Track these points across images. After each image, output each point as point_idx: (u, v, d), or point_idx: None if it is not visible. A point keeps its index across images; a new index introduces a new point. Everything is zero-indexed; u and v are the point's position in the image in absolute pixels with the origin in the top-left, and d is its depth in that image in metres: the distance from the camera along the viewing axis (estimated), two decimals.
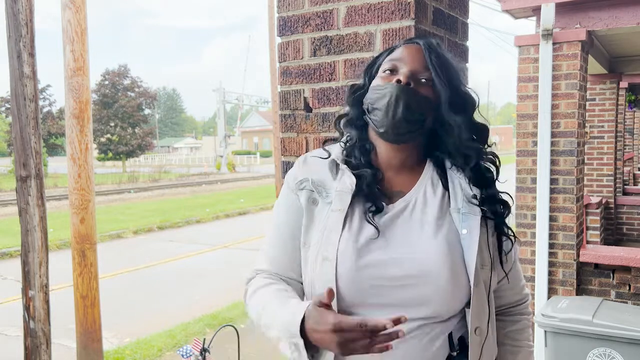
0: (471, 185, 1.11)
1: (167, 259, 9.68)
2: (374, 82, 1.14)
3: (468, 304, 1.07)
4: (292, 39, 1.62)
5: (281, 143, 1.68)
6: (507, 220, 1.15)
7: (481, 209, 1.09)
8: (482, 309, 1.09)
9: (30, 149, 3.22)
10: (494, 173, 1.15)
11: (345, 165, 1.13)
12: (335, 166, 1.14)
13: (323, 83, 1.59)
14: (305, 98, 1.62)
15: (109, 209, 16.14)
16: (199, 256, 10.00)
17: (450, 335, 1.07)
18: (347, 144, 1.18)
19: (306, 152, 1.62)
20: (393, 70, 1.11)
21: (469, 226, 1.07)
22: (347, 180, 1.11)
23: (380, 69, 1.15)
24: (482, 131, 1.14)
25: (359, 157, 1.14)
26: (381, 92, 1.09)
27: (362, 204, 1.10)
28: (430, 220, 1.09)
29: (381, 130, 1.10)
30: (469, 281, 1.06)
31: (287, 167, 1.67)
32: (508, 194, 1.17)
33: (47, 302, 3.34)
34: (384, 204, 1.10)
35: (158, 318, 6.33)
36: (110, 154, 39.77)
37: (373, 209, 1.08)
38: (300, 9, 1.60)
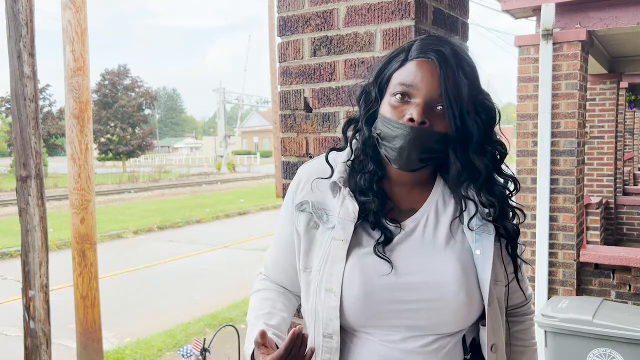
0: (484, 201, 1.05)
1: (167, 259, 9.68)
2: (384, 110, 1.04)
3: (481, 317, 1.06)
4: (292, 39, 1.62)
5: (281, 143, 1.68)
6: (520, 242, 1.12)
7: (495, 225, 1.05)
8: (497, 325, 1.08)
9: (30, 149, 3.22)
10: (507, 187, 1.10)
11: (348, 190, 1.07)
12: (337, 188, 1.09)
13: (323, 83, 1.59)
14: (305, 98, 1.62)
15: (109, 209, 16.14)
16: (199, 256, 10.00)
17: (463, 339, 1.07)
18: (355, 160, 1.10)
19: (306, 152, 1.62)
20: (404, 95, 1.01)
21: (483, 246, 1.04)
22: (350, 207, 1.05)
23: (391, 87, 1.04)
24: (492, 159, 1.06)
25: (367, 180, 1.07)
26: (393, 131, 1.01)
27: (368, 231, 1.05)
28: (442, 240, 1.05)
29: (394, 165, 1.04)
30: (482, 300, 1.04)
31: (287, 167, 1.67)
32: (521, 209, 1.12)
33: (47, 302, 3.34)
34: (392, 229, 1.05)
35: (158, 318, 6.33)
36: (110, 154, 39.77)
37: (382, 240, 1.03)
38: (300, 9, 1.60)
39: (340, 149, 1.14)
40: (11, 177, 25.43)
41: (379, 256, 1.02)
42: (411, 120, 0.99)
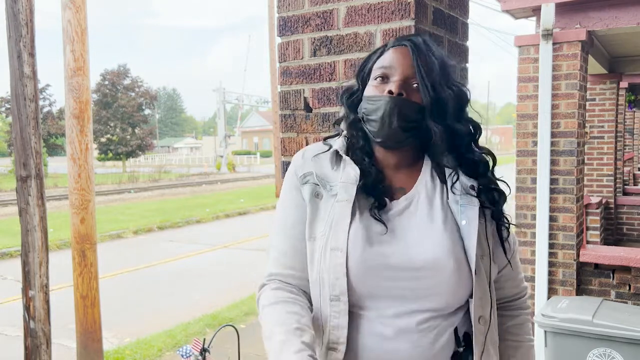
0: (467, 177, 1.13)
1: (167, 259, 9.68)
2: (367, 91, 1.15)
3: (471, 295, 1.09)
4: (292, 39, 1.62)
5: (281, 143, 1.68)
6: (505, 209, 1.18)
7: (479, 199, 1.12)
8: (485, 298, 1.11)
9: (31, 149, 3.22)
10: (489, 163, 1.17)
11: (349, 159, 1.15)
12: (337, 157, 1.16)
13: (323, 83, 1.59)
14: (305, 98, 1.62)
15: (109, 209, 16.14)
16: (199, 256, 10.00)
17: (455, 331, 1.10)
18: (350, 141, 1.19)
19: None
20: (384, 78, 1.13)
21: (468, 217, 1.10)
22: (351, 172, 1.13)
23: (372, 75, 1.16)
24: (468, 131, 1.15)
25: (361, 156, 1.16)
26: (375, 104, 1.11)
27: (366, 198, 1.12)
28: (434, 214, 1.11)
29: (378, 139, 1.13)
30: (471, 271, 1.08)
31: (287, 167, 1.66)
32: (505, 182, 1.19)
33: (47, 302, 3.34)
34: (387, 199, 1.12)
35: (158, 318, 6.33)
36: (110, 154, 39.78)
37: (377, 204, 1.10)
38: (300, 9, 1.60)
39: (334, 136, 1.24)
40: (11, 177, 25.43)
41: (374, 217, 1.09)
42: (390, 93, 1.10)
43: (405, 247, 1.08)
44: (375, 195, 1.11)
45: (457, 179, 1.13)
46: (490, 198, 1.14)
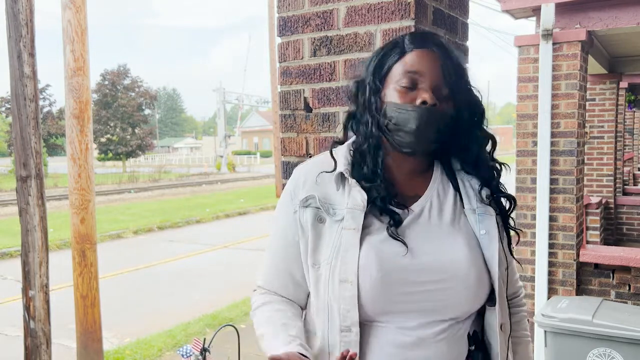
0: (482, 185, 1.13)
1: (167, 259, 9.68)
2: (392, 96, 1.07)
3: (491, 303, 1.10)
4: (292, 39, 1.62)
5: (281, 143, 1.68)
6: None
7: (493, 208, 1.12)
8: (504, 306, 1.13)
9: (31, 149, 3.22)
10: (500, 170, 1.17)
11: (354, 180, 1.10)
12: (342, 179, 1.11)
13: (323, 83, 1.59)
14: (305, 98, 1.62)
15: (109, 209, 16.14)
16: (199, 256, 10.00)
17: (468, 332, 1.10)
18: (356, 151, 1.14)
19: (306, 152, 1.62)
20: (412, 86, 1.07)
21: (487, 227, 1.10)
22: (358, 197, 1.08)
23: (394, 77, 1.08)
24: (489, 139, 1.16)
25: (371, 168, 1.11)
26: (407, 114, 1.05)
27: (377, 217, 1.08)
28: (448, 222, 1.10)
29: (406, 150, 1.08)
30: (490, 280, 1.08)
31: (287, 167, 1.67)
32: (512, 196, 1.19)
33: (47, 302, 3.34)
34: (400, 213, 1.08)
35: (158, 318, 6.33)
36: (110, 154, 39.76)
37: (392, 223, 1.06)
38: (300, 9, 1.60)
39: (341, 142, 1.19)
40: (11, 177, 25.43)
41: (393, 237, 1.04)
42: (424, 103, 1.04)
43: (422, 260, 1.05)
44: (388, 212, 1.07)
45: (475, 187, 1.12)
46: (503, 206, 1.15)
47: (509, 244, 1.17)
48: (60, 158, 34.98)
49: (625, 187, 7.52)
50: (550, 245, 4.00)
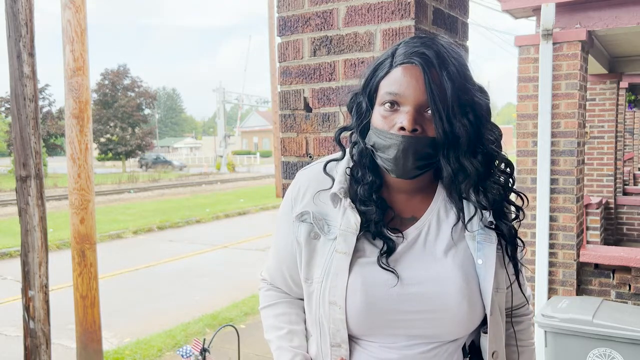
0: (484, 209, 1.05)
1: (167, 259, 9.68)
2: (375, 121, 1.03)
3: (482, 323, 1.07)
4: (292, 39, 1.62)
5: (281, 143, 1.68)
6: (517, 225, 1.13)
7: (495, 230, 1.06)
8: (498, 332, 1.09)
9: (30, 149, 3.22)
10: (506, 190, 1.09)
11: (349, 201, 1.06)
12: (338, 199, 1.08)
13: (323, 83, 1.58)
14: (305, 98, 1.62)
15: (109, 209, 16.13)
16: (199, 256, 10.00)
17: (463, 346, 1.09)
18: (353, 169, 1.09)
19: (306, 152, 1.62)
20: (393, 104, 1.00)
21: (485, 255, 1.04)
22: (352, 219, 1.05)
23: (379, 96, 1.03)
24: (487, 162, 1.04)
25: (366, 191, 1.07)
26: (385, 141, 1.00)
27: (370, 241, 1.05)
28: (444, 248, 1.05)
29: (393, 175, 1.04)
30: (485, 308, 1.05)
31: (287, 167, 1.66)
32: (519, 207, 1.12)
33: (47, 302, 3.34)
34: (394, 239, 1.04)
35: (158, 318, 6.33)
36: (110, 154, 39.76)
37: (385, 250, 1.03)
38: (300, 9, 1.60)
39: (338, 159, 1.13)
40: (11, 177, 25.43)
41: (383, 268, 1.02)
42: (402, 129, 0.98)
43: (412, 290, 1.02)
44: (382, 238, 1.03)
45: (474, 213, 1.05)
46: (506, 225, 1.07)
47: (515, 263, 1.10)
48: (60, 158, 34.99)
49: (626, 187, 7.52)
50: (551, 245, 4.00)
